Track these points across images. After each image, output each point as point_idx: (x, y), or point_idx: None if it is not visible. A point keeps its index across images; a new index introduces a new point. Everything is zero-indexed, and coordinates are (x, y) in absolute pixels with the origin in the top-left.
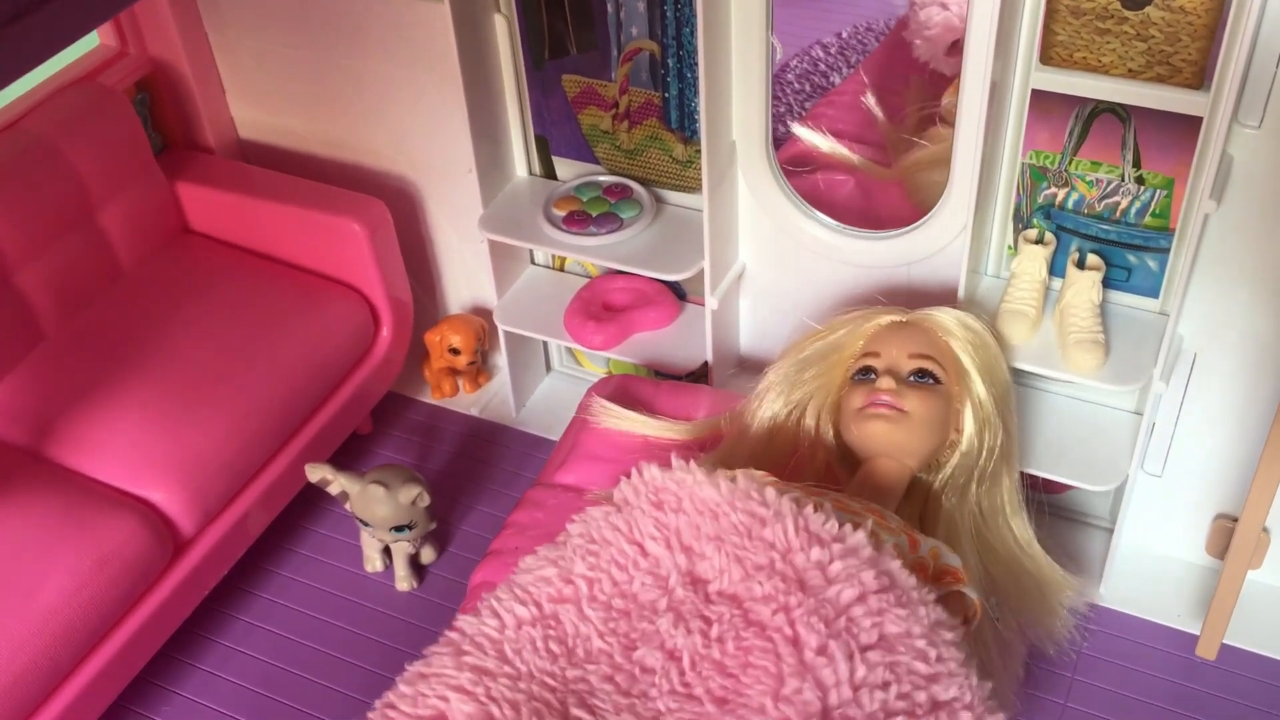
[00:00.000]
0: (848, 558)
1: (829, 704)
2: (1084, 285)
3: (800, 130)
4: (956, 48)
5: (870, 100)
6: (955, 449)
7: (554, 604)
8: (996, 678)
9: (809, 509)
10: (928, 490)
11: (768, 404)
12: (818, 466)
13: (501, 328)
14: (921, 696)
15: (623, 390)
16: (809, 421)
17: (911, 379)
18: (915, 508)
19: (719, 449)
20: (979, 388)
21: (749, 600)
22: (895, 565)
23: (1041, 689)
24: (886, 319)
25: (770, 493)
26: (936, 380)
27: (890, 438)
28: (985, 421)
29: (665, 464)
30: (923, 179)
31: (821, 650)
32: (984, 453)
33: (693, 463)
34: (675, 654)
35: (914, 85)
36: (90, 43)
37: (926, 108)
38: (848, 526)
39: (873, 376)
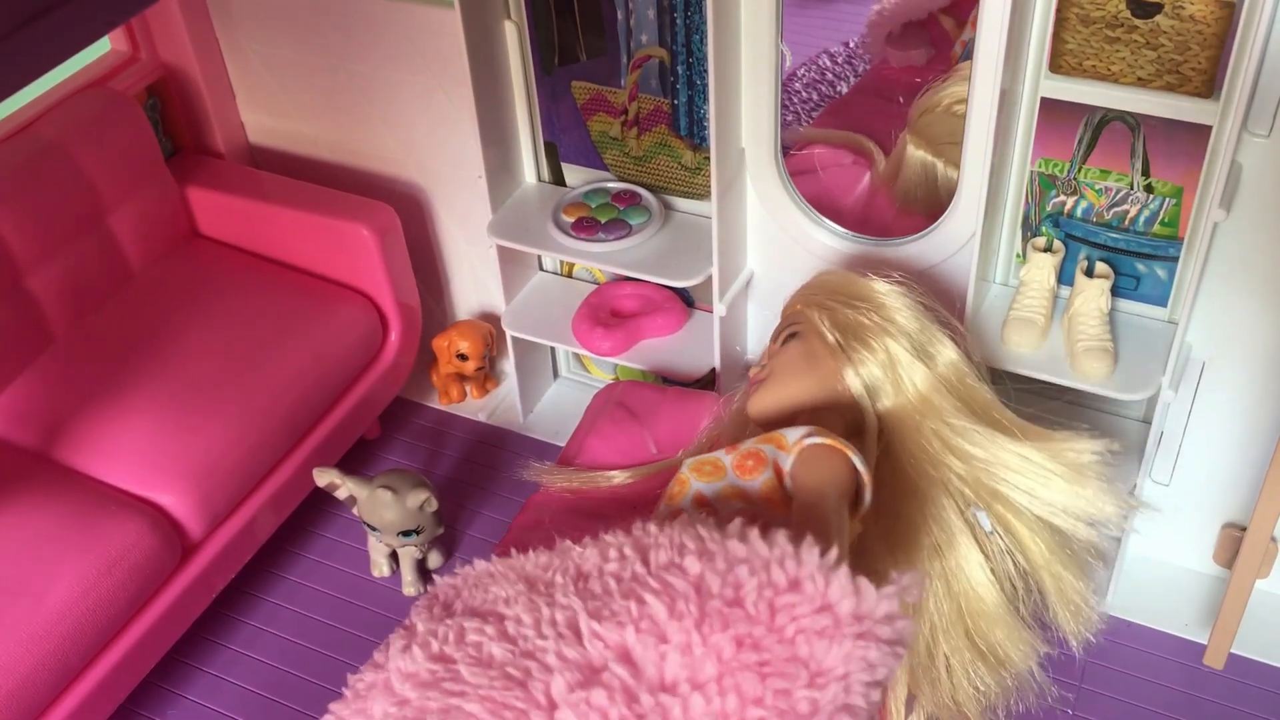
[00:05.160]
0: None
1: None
2: (1093, 293)
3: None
4: (903, 35)
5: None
6: (847, 377)
7: None
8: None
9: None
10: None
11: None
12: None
13: (509, 333)
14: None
15: (629, 397)
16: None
17: (780, 348)
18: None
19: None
20: (835, 313)
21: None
22: (604, 561)
23: (1056, 686)
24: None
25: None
26: (795, 335)
27: (762, 399)
28: (851, 329)
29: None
30: (900, 189)
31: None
32: (904, 383)
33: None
34: None
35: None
36: (102, 48)
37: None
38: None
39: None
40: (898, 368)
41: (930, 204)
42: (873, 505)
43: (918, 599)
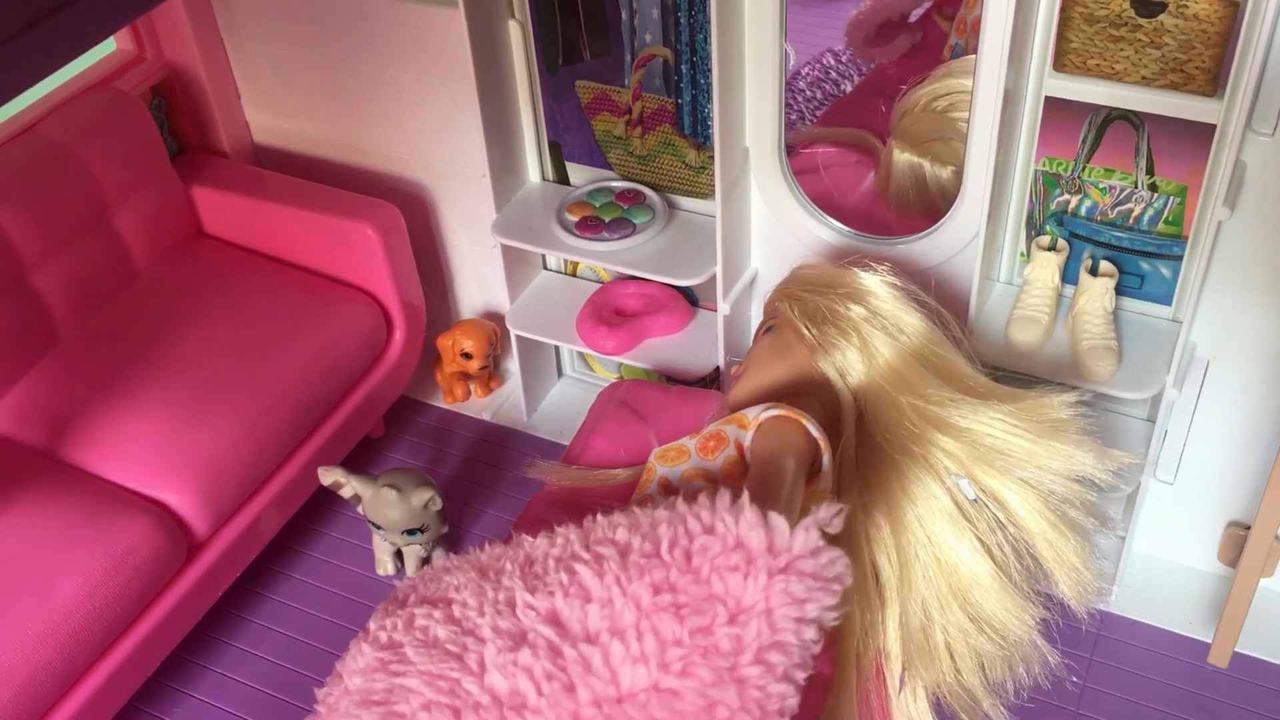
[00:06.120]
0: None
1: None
2: (1097, 292)
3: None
4: (879, 34)
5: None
6: (821, 361)
7: None
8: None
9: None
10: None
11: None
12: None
13: (513, 332)
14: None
15: (633, 395)
16: None
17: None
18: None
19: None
20: (805, 302)
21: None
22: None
23: (1052, 696)
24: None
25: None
26: (771, 329)
27: (738, 391)
28: (825, 318)
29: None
30: (893, 194)
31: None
32: (876, 359)
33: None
34: None
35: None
36: (107, 48)
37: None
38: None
39: None
40: (868, 347)
41: (924, 204)
42: (857, 484)
43: (837, 529)
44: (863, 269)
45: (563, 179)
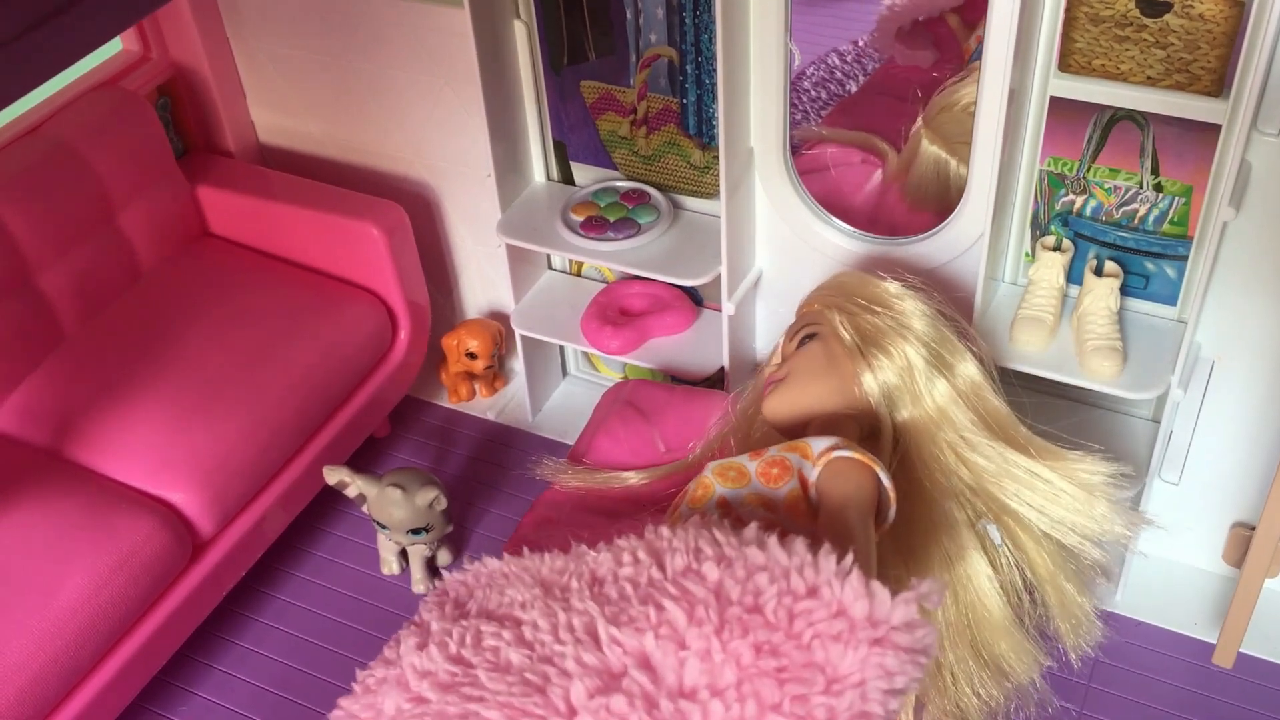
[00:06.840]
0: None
1: None
2: (1102, 292)
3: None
4: (913, 32)
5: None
6: (868, 385)
7: None
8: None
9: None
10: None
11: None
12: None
13: (518, 332)
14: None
15: (638, 395)
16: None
17: (798, 348)
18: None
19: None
20: (855, 318)
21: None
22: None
23: (1057, 696)
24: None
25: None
26: (814, 336)
27: (780, 400)
28: (873, 341)
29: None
30: (912, 183)
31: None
32: (922, 393)
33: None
34: None
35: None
36: (113, 47)
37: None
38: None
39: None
40: (915, 375)
41: (941, 201)
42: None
43: (937, 605)
44: (904, 285)
45: (567, 179)
